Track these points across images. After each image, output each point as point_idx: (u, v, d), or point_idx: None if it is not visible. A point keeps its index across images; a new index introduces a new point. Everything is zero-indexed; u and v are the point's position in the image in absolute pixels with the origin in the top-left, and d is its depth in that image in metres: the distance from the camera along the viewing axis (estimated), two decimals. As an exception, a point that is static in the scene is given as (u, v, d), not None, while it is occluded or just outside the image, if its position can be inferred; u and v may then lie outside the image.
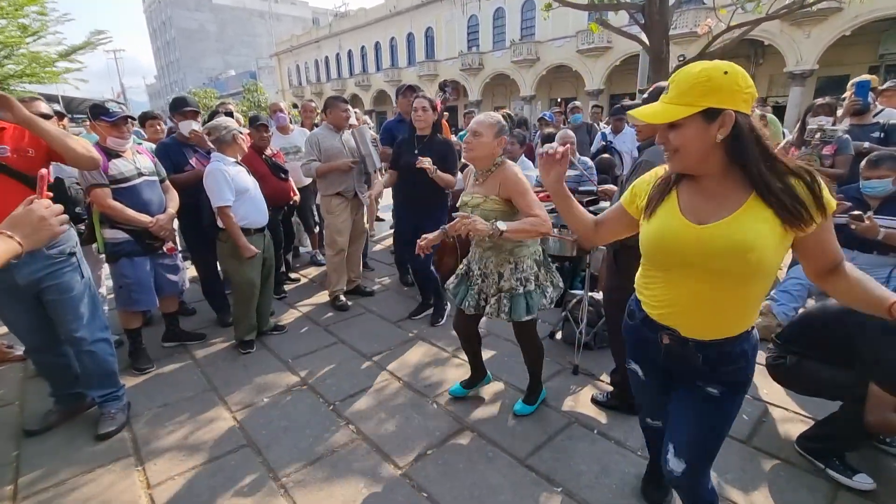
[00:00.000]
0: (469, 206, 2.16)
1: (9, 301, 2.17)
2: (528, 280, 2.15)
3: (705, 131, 1.09)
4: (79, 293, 2.26)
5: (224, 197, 2.90)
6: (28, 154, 2.08)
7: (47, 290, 2.18)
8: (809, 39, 16.78)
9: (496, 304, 2.16)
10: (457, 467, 2.06)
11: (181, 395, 2.71)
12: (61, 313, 2.24)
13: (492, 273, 2.20)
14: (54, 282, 2.18)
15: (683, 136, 1.12)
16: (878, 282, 3.21)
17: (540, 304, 2.18)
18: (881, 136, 3.45)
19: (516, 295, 2.13)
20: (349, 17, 38.62)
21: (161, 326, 3.36)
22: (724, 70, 1.07)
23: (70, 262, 2.24)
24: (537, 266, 2.21)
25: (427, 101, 3.23)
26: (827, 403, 2.10)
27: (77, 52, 12.25)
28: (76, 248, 2.30)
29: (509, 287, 2.14)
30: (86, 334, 2.29)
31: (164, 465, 2.13)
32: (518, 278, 2.14)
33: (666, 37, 6.57)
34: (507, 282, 2.15)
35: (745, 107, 1.09)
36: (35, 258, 2.11)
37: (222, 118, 3.19)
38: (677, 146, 1.14)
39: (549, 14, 7.84)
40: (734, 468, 2.01)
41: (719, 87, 1.06)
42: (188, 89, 44.87)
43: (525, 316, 2.14)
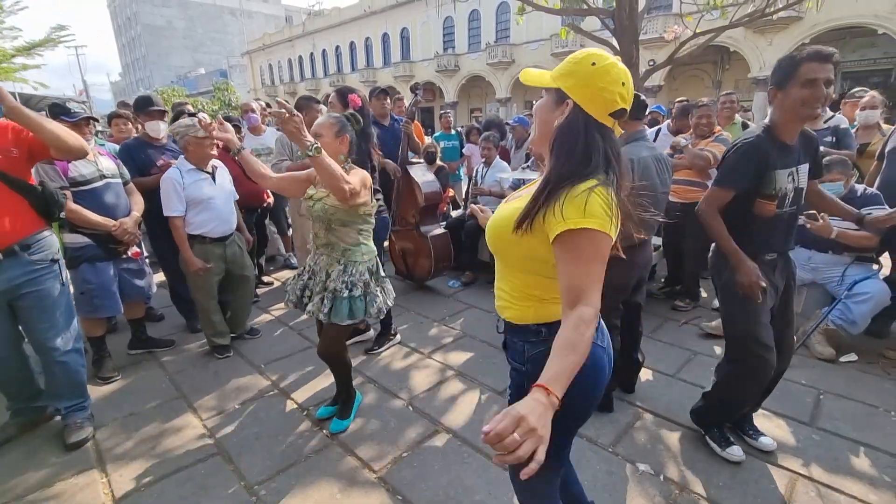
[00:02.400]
0: (313, 200, 2.12)
1: None
2: (356, 285, 2.14)
3: (551, 111, 1.08)
4: (57, 301, 2.18)
5: (171, 207, 2.87)
6: (12, 154, 1.98)
7: (25, 297, 2.09)
8: (772, 47, 17.48)
9: (318, 303, 2.15)
10: (432, 469, 2.06)
11: (148, 403, 2.63)
12: (37, 321, 2.15)
13: (321, 271, 2.19)
14: (34, 289, 2.09)
15: (539, 105, 1.13)
16: (834, 280, 3.40)
17: (365, 311, 2.16)
18: (833, 140, 3.62)
19: (339, 297, 2.11)
20: (323, 16, 38.18)
21: (127, 334, 3.25)
22: (592, 61, 1.03)
23: (52, 269, 2.16)
24: (369, 274, 2.20)
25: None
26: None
27: (36, 48, 11.72)
28: (58, 254, 2.21)
29: (334, 288, 2.12)
30: (60, 344, 2.21)
31: (131, 476, 2.05)
32: (345, 281, 2.12)
33: (636, 42, 6.72)
34: (333, 282, 2.13)
35: (595, 108, 1.03)
36: (16, 264, 2.02)
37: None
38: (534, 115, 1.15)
39: (524, 18, 7.93)
40: (701, 461, 2.08)
41: (574, 73, 1.04)
42: (155, 87, 43.50)
43: (346, 320, 2.13)
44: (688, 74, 21.09)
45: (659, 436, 2.26)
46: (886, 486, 1.91)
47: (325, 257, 2.18)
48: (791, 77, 1.74)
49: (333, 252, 2.15)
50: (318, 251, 2.21)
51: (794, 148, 1.86)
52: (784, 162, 1.84)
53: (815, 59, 1.70)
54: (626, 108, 1.05)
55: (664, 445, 2.20)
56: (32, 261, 2.07)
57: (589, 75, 1.03)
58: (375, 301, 2.20)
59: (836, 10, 15.05)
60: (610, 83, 1.02)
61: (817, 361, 2.89)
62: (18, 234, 2.03)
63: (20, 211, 2.04)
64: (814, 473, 1.99)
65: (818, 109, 1.81)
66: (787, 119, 1.82)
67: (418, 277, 4.31)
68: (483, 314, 3.75)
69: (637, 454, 2.14)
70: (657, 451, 2.16)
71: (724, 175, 1.92)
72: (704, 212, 1.95)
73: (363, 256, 2.19)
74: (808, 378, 2.71)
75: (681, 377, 2.77)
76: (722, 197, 1.92)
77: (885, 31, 15.89)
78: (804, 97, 1.71)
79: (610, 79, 1.02)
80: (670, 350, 3.10)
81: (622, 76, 1.03)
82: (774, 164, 1.82)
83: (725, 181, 1.91)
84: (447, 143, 6.03)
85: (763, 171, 1.83)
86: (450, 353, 3.13)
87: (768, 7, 6.84)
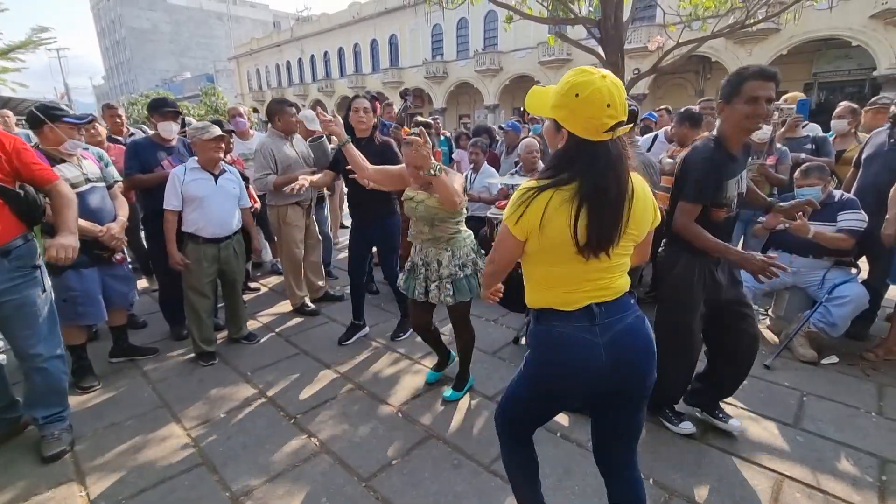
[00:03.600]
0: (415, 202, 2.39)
1: None
2: (466, 265, 2.40)
3: (554, 135, 1.25)
4: (39, 307, 2.12)
5: (167, 200, 2.97)
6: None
7: (6, 305, 2.03)
8: (751, 57, 17.93)
9: (437, 290, 2.41)
10: (422, 476, 2.05)
11: (130, 413, 2.57)
12: (17, 328, 2.09)
13: (432, 262, 2.44)
14: (14, 296, 2.03)
15: (545, 129, 1.29)
16: (814, 283, 3.48)
17: (477, 285, 2.39)
18: (812, 147, 3.74)
19: (457, 279, 2.37)
20: (312, 22, 38.16)
21: (108, 341, 3.17)
22: (576, 93, 1.11)
23: (33, 276, 2.10)
24: (474, 253, 2.46)
25: (367, 103, 3.15)
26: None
27: (17, 49, 11.48)
28: (40, 259, 2.15)
29: (449, 273, 2.38)
30: (42, 350, 2.15)
31: (111, 489, 2.00)
32: (456, 264, 2.39)
33: (621, 51, 6.86)
34: (446, 268, 2.39)
35: (588, 133, 1.14)
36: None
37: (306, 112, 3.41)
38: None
39: (511, 25, 8.03)
40: (689, 464, 2.09)
41: (565, 105, 1.15)
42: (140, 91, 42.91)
43: (468, 296, 2.40)
44: (671, 83, 21.55)
45: (647, 438, 2.28)
46: (868, 486, 1.94)
47: (432, 249, 2.43)
48: (736, 93, 1.83)
49: (439, 244, 2.41)
50: (425, 244, 2.44)
51: (738, 157, 1.98)
52: (732, 171, 1.95)
53: (759, 77, 1.79)
54: (620, 122, 1.12)
55: (653, 447, 2.21)
56: (12, 267, 2.02)
57: (576, 107, 1.12)
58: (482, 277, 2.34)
59: (812, 22, 15.53)
60: (596, 112, 1.10)
61: (800, 364, 2.94)
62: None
63: (1, 216, 1.98)
64: (799, 474, 2.02)
65: (759, 124, 1.93)
66: (734, 131, 1.92)
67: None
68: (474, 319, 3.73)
69: (626, 458, 2.15)
70: (646, 454, 2.17)
71: (694, 191, 1.97)
72: (685, 226, 2.00)
73: (465, 240, 2.45)
74: (792, 380, 2.75)
75: (668, 381, 2.80)
76: (695, 211, 1.99)
77: (859, 44, 16.44)
78: (747, 112, 1.82)
79: (595, 108, 1.10)
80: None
81: (606, 98, 1.09)
82: (726, 174, 1.93)
83: (696, 196, 1.97)
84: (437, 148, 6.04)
85: (720, 183, 1.93)
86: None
87: (748, 19, 7.03)
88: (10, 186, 1.99)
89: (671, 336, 2.13)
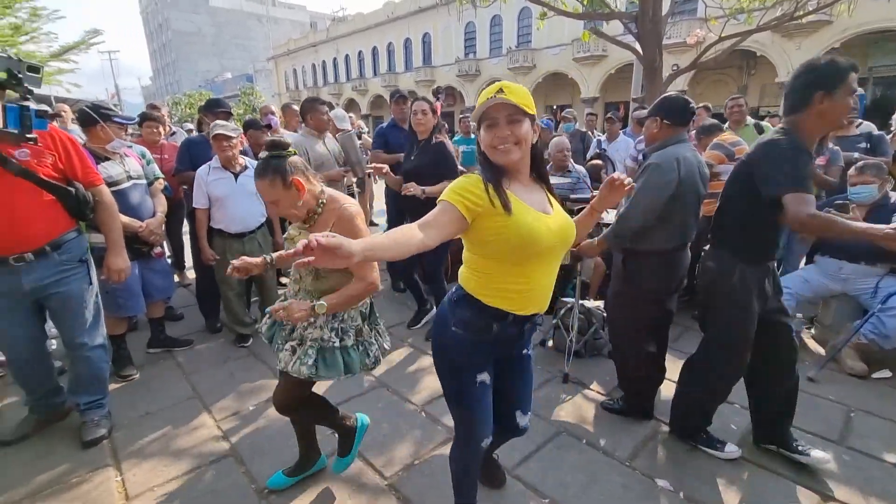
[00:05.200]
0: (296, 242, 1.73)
1: (6, 309, 2.10)
2: (347, 333, 1.73)
3: (530, 132, 1.30)
4: (85, 300, 2.24)
5: (196, 200, 3.16)
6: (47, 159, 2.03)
7: (54, 297, 2.15)
8: (800, 51, 17.01)
9: (290, 354, 1.71)
10: (443, 478, 2.02)
11: (164, 402, 2.67)
12: (64, 319, 2.22)
13: None
14: (62, 289, 2.15)
15: (524, 131, 1.28)
16: (866, 291, 3.29)
17: (362, 362, 1.76)
18: (867, 146, 3.50)
19: (329, 348, 1.69)
20: (347, 22, 38.72)
21: (146, 332, 3.31)
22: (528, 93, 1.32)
23: (80, 269, 2.21)
24: (361, 319, 1.79)
25: (427, 105, 3.20)
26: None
27: (70, 51, 12.13)
28: (87, 254, 2.27)
29: (318, 336, 1.69)
30: (86, 340, 2.27)
31: (144, 476, 2.08)
32: (334, 328, 1.70)
33: (659, 46, 6.63)
34: (317, 329, 1.69)
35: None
36: (46, 264, 2.07)
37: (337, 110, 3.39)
38: (519, 138, 1.28)
39: (545, 22, 7.89)
40: (726, 480, 2.00)
41: (532, 102, 1.29)
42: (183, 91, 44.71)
43: (342, 375, 1.71)
44: (712, 79, 20.68)
45: (679, 451, 2.19)
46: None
47: (306, 298, 1.71)
48: (842, 84, 1.66)
49: (316, 293, 1.69)
50: (300, 294, 1.76)
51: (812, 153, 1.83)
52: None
53: (854, 69, 1.67)
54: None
55: (684, 461, 2.12)
56: (62, 261, 2.12)
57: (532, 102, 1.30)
58: (371, 350, 1.80)
59: (867, 13, 14.54)
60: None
61: (847, 377, 2.76)
62: (50, 235, 2.07)
63: (53, 212, 2.08)
64: (844, 496, 1.89)
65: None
66: (822, 126, 1.76)
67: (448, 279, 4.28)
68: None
69: (656, 469, 2.07)
70: (677, 466, 2.09)
71: (799, 178, 1.68)
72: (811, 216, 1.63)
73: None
74: (838, 394, 2.59)
75: (702, 390, 2.68)
76: (811, 199, 1.67)
77: (922, 35, 15.33)
78: (848, 107, 1.68)
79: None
80: (691, 362, 3.00)
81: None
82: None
83: (803, 183, 1.68)
84: (467, 147, 6.02)
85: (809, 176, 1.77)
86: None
87: (797, 10, 6.66)
88: (61, 184, 2.10)
89: (727, 352, 2.02)
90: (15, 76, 1.76)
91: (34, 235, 2.03)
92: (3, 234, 1.97)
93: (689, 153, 2.17)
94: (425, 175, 3.14)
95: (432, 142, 3.25)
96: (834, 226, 1.63)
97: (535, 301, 1.40)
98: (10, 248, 2.00)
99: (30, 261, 2.04)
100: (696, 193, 2.17)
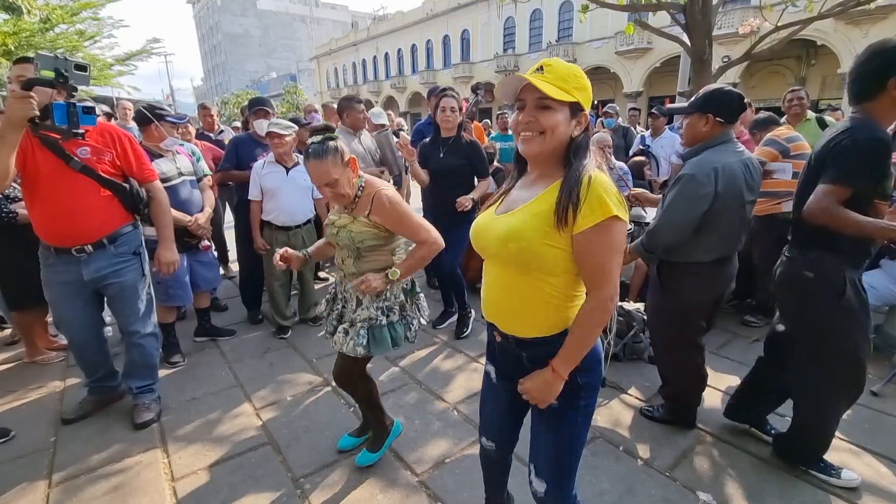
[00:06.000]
0: (336, 227, 1.84)
1: (69, 295, 2.26)
2: (392, 310, 1.84)
3: (568, 123, 1.11)
4: (139, 290, 2.38)
5: (251, 192, 3.31)
6: (106, 156, 2.17)
7: (111, 286, 2.29)
8: (867, 39, 15.76)
9: (344, 335, 1.84)
10: (474, 477, 2.00)
11: (209, 389, 2.78)
12: (120, 307, 2.36)
13: (351, 299, 1.88)
14: (118, 279, 2.28)
15: (555, 120, 1.10)
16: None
17: (405, 336, 1.89)
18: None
19: (377, 326, 1.80)
20: (387, 20, 39.15)
21: (193, 322, 3.47)
22: (584, 75, 1.14)
23: (134, 261, 2.34)
24: (404, 295, 1.91)
25: (455, 101, 3.15)
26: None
27: (133, 57, 12.93)
28: (141, 248, 2.40)
29: (367, 317, 1.80)
30: (139, 328, 2.40)
31: (188, 459, 2.18)
32: (380, 307, 1.82)
33: (709, 37, 6.30)
34: (365, 310, 1.81)
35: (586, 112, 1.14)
36: (103, 256, 2.21)
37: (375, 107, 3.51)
38: (547, 128, 1.10)
39: (587, 16, 7.67)
40: (772, 496, 1.88)
41: (585, 87, 1.12)
42: (231, 91, 46.57)
43: (391, 350, 1.85)
44: (767, 71, 19.51)
45: (722, 462, 2.08)
46: None
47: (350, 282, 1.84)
48: None
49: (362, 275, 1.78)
50: (345, 279, 1.89)
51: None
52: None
53: None
54: None
55: (728, 473, 2.01)
56: (118, 253, 2.26)
57: (588, 89, 1.13)
58: (412, 323, 1.94)
59: (949, -5, 13.33)
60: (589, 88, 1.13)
61: (917, 393, 2.54)
62: (108, 229, 2.21)
63: (110, 207, 2.22)
64: (911, 523, 1.74)
65: None
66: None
67: (469, 279, 4.26)
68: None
69: (697, 481, 1.97)
70: (720, 479, 1.98)
71: (851, 171, 1.61)
72: (826, 210, 1.63)
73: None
74: (906, 412, 2.39)
75: (750, 400, 2.54)
76: (842, 195, 1.63)
77: None
78: None
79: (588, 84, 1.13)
80: (738, 369, 2.84)
81: None
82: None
83: (850, 178, 1.62)
84: (504, 144, 5.95)
85: (889, 170, 1.62)
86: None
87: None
88: (118, 181, 2.22)
89: (842, 369, 1.83)
90: (62, 74, 1.84)
91: (93, 229, 2.16)
92: (66, 227, 2.11)
93: (733, 157, 1.97)
94: (457, 175, 3.11)
95: (462, 141, 3.21)
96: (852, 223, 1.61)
97: (488, 304, 1.27)
98: (72, 241, 2.14)
99: (90, 252, 2.18)
100: (740, 203, 1.98)
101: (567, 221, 1.06)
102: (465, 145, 3.20)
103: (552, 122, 1.09)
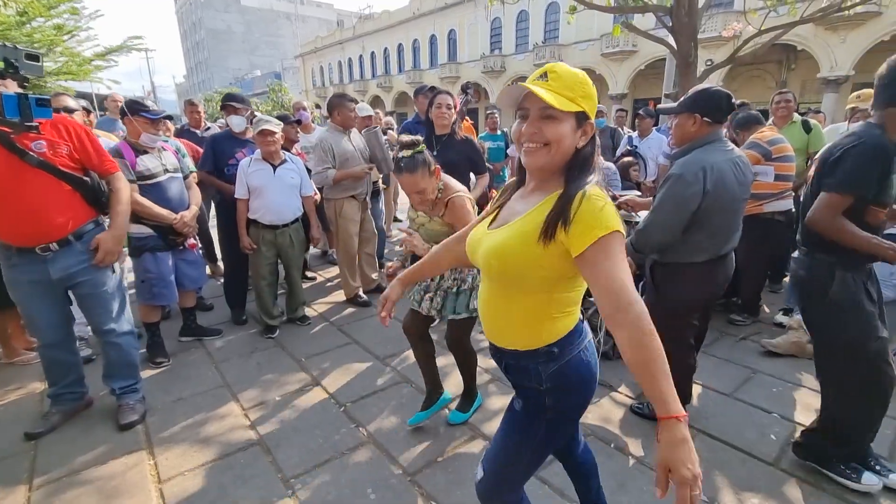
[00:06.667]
0: (417, 224, 2.21)
1: (38, 295, 2.18)
2: (465, 280, 2.17)
3: (573, 133, 1.06)
4: (111, 288, 2.30)
5: (237, 191, 3.25)
6: (62, 149, 2.08)
7: (81, 285, 2.22)
8: (845, 44, 16.23)
9: (428, 301, 2.19)
10: (466, 476, 2.01)
11: (195, 389, 2.73)
12: (92, 306, 2.28)
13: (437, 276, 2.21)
14: (88, 277, 2.21)
15: (561, 131, 1.04)
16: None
17: (468, 304, 2.16)
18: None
19: (451, 293, 2.16)
20: (373, 19, 38.97)
21: (178, 321, 3.40)
22: (590, 82, 1.07)
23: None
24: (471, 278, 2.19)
25: (450, 99, 3.17)
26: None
27: (112, 53, 12.60)
28: None
29: (446, 287, 2.17)
30: (114, 326, 2.33)
31: (175, 460, 2.13)
32: (455, 278, 2.16)
33: (694, 40, 6.40)
34: (446, 280, 2.18)
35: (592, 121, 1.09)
36: (70, 253, 2.14)
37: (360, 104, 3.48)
38: (552, 140, 1.04)
39: (574, 17, 7.73)
40: (760, 490, 1.91)
41: (591, 95, 1.06)
42: (214, 88, 45.86)
43: (462, 313, 2.14)
44: (749, 75, 19.95)
45: (714, 460, 2.10)
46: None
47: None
48: None
49: None
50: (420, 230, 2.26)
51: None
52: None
53: None
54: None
55: (720, 471, 2.04)
56: (84, 250, 2.18)
57: (594, 96, 1.08)
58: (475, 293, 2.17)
59: (922, 4, 13.79)
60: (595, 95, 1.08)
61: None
62: (73, 225, 2.13)
63: (73, 203, 2.13)
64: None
65: None
66: None
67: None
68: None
69: (687, 477, 1.99)
70: (712, 476, 2.01)
71: (847, 180, 1.66)
72: (824, 220, 1.71)
73: None
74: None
75: (738, 397, 2.58)
76: (842, 204, 1.68)
77: (981, 27, 14.41)
78: None
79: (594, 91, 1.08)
80: (726, 367, 2.90)
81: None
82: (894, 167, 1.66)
83: (848, 187, 1.67)
84: (492, 143, 5.97)
85: (886, 176, 1.65)
86: (488, 357, 3.05)
87: (844, 1, 6.33)
88: (77, 174, 2.13)
89: (856, 370, 1.81)
90: (11, 65, 1.77)
91: (58, 226, 2.08)
92: (28, 226, 2.03)
93: (722, 156, 2.00)
94: (453, 172, 3.11)
95: (456, 138, 3.22)
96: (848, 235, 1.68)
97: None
98: (36, 239, 2.06)
99: (55, 251, 2.10)
100: (730, 201, 2.00)
101: (552, 236, 1.01)
102: (459, 142, 3.20)
103: (558, 134, 1.04)
